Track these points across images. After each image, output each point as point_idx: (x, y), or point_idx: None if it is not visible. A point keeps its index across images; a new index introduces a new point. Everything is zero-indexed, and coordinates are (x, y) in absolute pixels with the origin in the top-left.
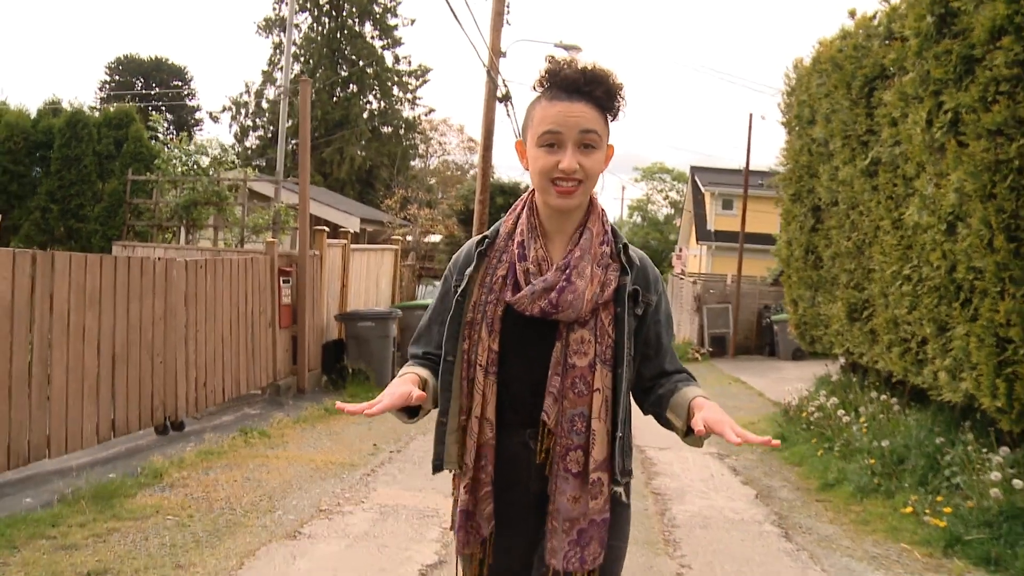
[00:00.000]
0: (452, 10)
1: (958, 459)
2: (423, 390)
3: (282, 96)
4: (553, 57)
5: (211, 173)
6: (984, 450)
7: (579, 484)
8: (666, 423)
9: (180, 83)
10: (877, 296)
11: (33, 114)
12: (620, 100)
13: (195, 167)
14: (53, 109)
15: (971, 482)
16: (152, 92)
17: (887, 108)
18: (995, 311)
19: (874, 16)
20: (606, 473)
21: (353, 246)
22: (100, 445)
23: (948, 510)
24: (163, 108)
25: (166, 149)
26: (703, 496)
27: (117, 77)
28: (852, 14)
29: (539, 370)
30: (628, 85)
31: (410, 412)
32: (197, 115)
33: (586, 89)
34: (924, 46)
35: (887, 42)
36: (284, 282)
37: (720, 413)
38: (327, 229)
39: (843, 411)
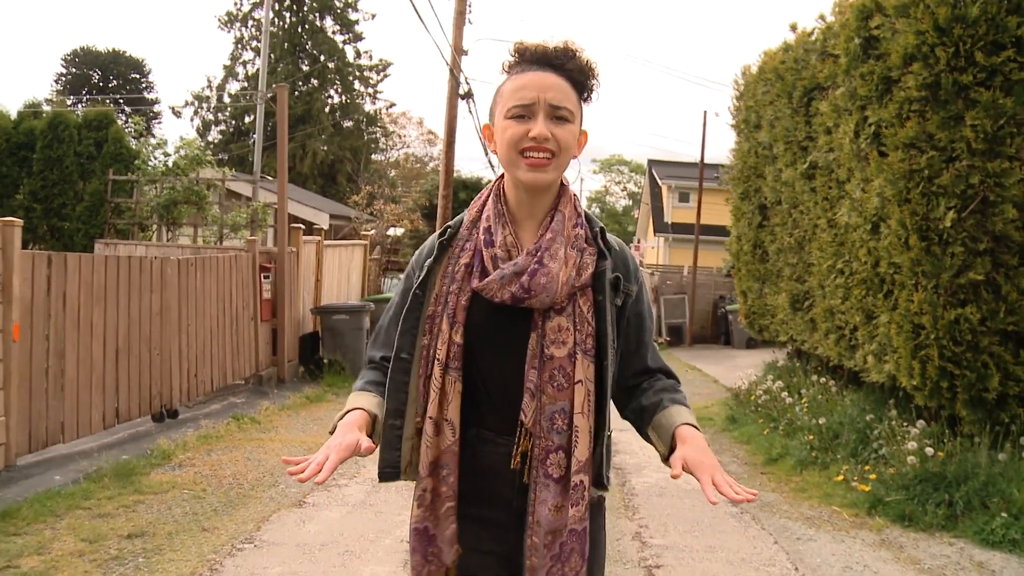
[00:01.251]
0: (416, 9)
1: (884, 433)
2: (373, 426)
3: (258, 101)
4: (522, 40)
5: (189, 173)
6: (905, 424)
7: (560, 490)
8: (646, 438)
9: (138, 76)
10: (815, 288)
11: (14, 116)
12: (593, 78)
13: (174, 167)
14: (34, 112)
15: (893, 452)
16: (109, 85)
17: (823, 118)
18: (910, 301)
19: (812, 33)
20: (588, 476)
21: (326, 242)
22: (106, 431)
23: (873, 477)
24: (120, 101)
25: (144, 150)
26: (659, 471)
27: (73, 69)
28: (793, 28)
29: (515, 366)
30: (602, 66)
31: (382, 476)
32: (156, 108)
33: (557, 62)
34: (852, 65)
35: (823, 58)
36: (265, 278)
37: (704, 453)
38: (303, 227)
39: (787, 394)
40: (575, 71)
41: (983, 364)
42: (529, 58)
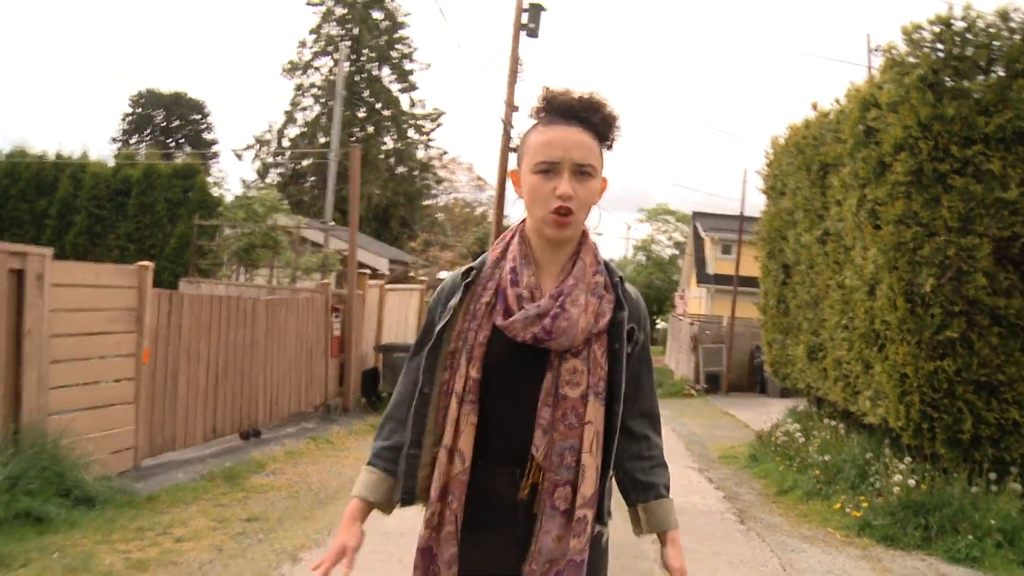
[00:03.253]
0: (471, 68)
1: (879, 469)
2: (368, 510)
3: (331, 159)
4: (548, 87)
5: (267, 220)
6: (896, 460)
7: (564, 522)
8: (628, 504)
9: (199, 116)
10: (827, 340)
11: (111, 163)
12: (616, 129)
13: (253, 215)
14: (130, 162)
15: (884, 484)
16: (172, 125)
17: (834, 191)
18: (897, 354)
19: (828, 113)
20: (592, 511)
21: (387, 286)
22: (204, 444)
23: (865, 505)
24: (182, 140)
25: (227, 198)
26: (680, 495)
27: (139, 109)
28: (815, 107)
29: (528, 403)
30: (624, 116)
31: (386, 506)
32: (214, 148)
33: (583, 115)
34: (855, 149)
35: (835, 138)
36: (335, 317)
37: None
38: (368, 272)
39: (801, 435)
40: (599, 124)
41: (958, 409)
42: (556, 109)
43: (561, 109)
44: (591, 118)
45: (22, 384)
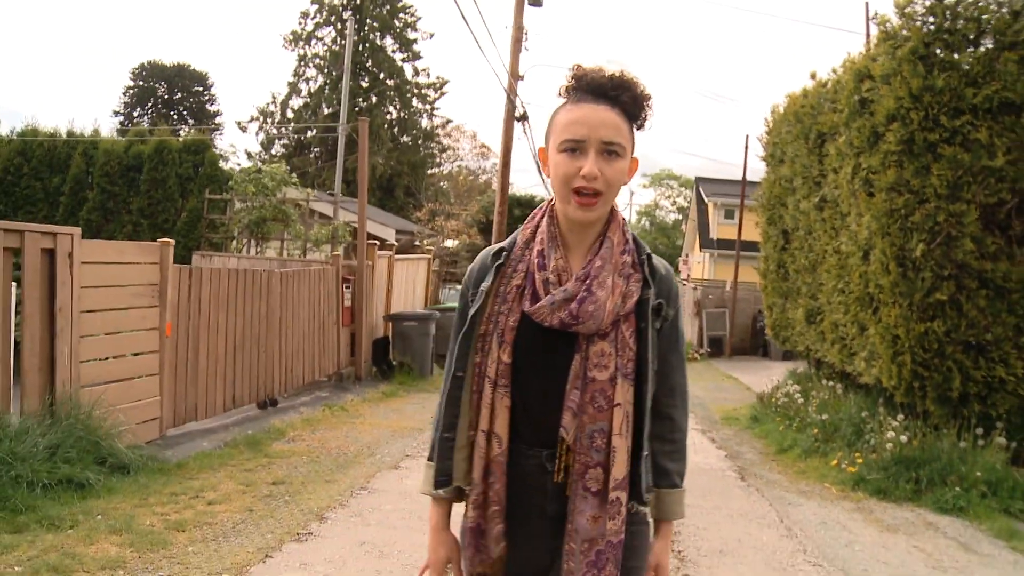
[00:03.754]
0: (475, 38)
1: (874, 426)
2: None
3: (340, 132)
4: (580, 65)
5: (277, 194)
6: (890, 418)
7: (598, 503)
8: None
9: (201, 88)
10: (824, 304)
11: (120, 139)
12: (647, 109)
13: (263, 189)
14: (140, 138)
15: (878, 441)
16: (175, 97)
17: (831, 159)
18: (889, 316)
19: (826, 83)
20: (625, 492)
21: (396, 256)
22: (224, 414)
23: (860, 461)
24: (185, 113)
25: (237, 172)
26: None
27: (141, 83)
28: (813, 76)
29: (557, 385)
30: (655, 96)
31: (437, 484)
32: (218, 119)
33: (612, 93)
34: (851, 119)
35: (832, 108)
36: (346, 288)
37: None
38: (377, 242)
39: (801, 396)
40: (629, 103)
41: (948, 368)
42: (585, 87)
43: (591, 87)
44: (621, 96)
45: (56, 358)
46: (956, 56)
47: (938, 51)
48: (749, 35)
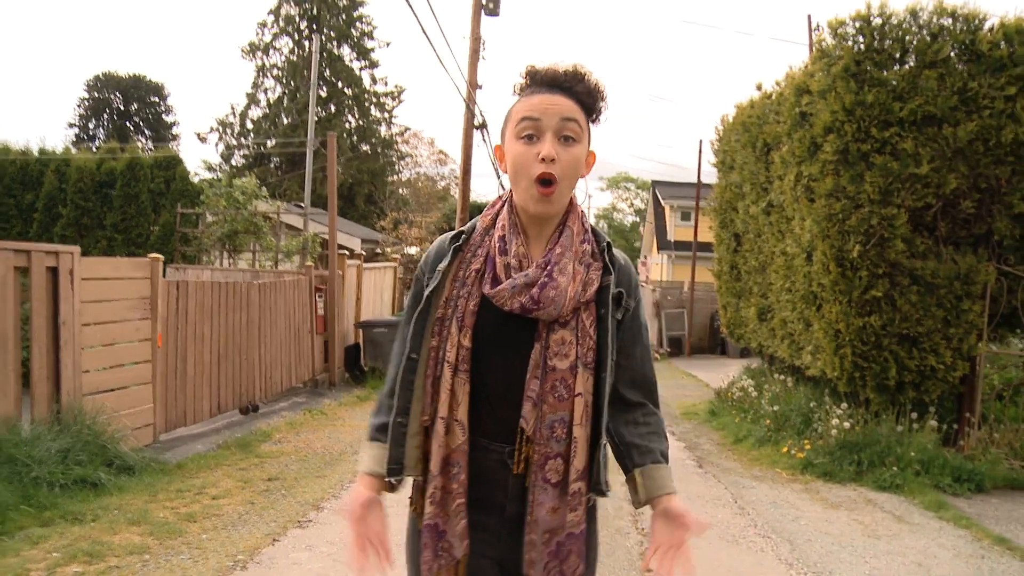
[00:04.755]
0: (434, 48)
1: (821, 415)
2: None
3: (308, 147)
4: (532, 63)
5: (248, 207)
6: (835, 407)
7: (558, 495)
8: (624, 469)
9: (157, 100)
10: (774, 302)
11: (95, 158)
12: (601, 101)
13: (235, 202)
14: (112, 155)
15: (824, 428)
16: (131, 108)
17: (776, 167)
18: (831, 313)
19: (770, 95)
20: (585, 483)
21: (364, 265)
22: (210, 420)
23: (808, 447)
24: (140, 123)
25: (208, 187)
26: None
27: (96, 94)
28: (759, 87)
29: (517, 374)
30: (610, 89)
31: (389, 487)
32: (174, 130)
33: (567, 84)
34: (792, 130)
35: (776, 119)
36: (319, 297)
37: (675, 529)
38: (347, 252)
39: (754, 390)
40: (584, 94)
41: (884, 359)
42: (539, 81)
43: (545, 80)
44: (575, 87)
45: (60, 368)
46: (884, 73)
47: (868, 69)
48: (699, 43)
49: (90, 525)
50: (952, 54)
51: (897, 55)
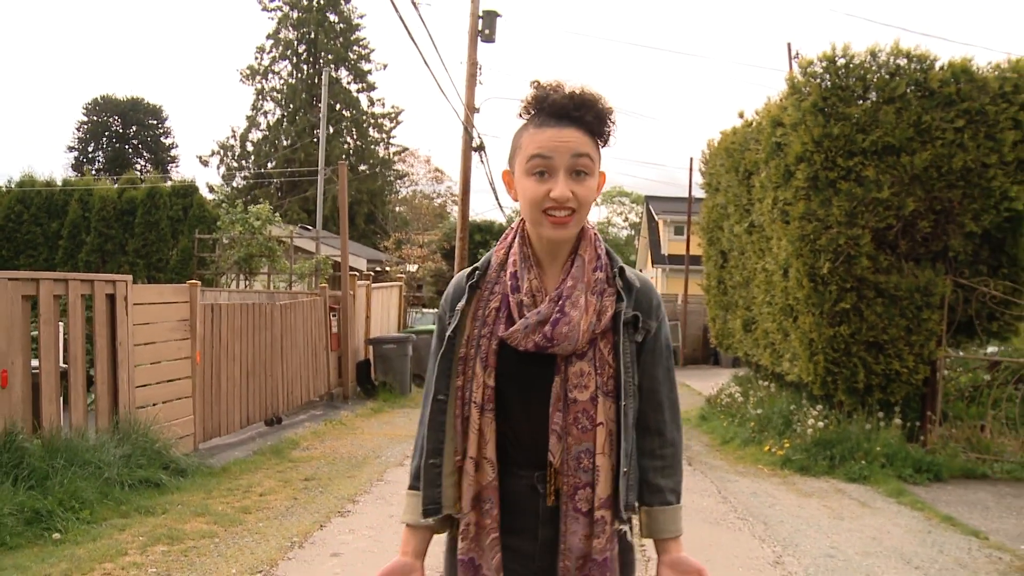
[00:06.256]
0: (432, 73)
1: (800, 416)
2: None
3: (320, 176)
4: (539, 82)
5: (264, 231)
6: (811, 408)
7: (588, 523)
8: (638, 498)
9: (156, 122)
10: (757, 315)
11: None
12: (610, 124)
13: (250, 228)
14: (132, 184)
15: (801, 428)
16: (129, 131)
17: (756, 190)
18: (805, 323)
19: (751, 123)
20: (609, 511)
21: (373, 285)
22: (240, 431)
23: (787, 445)
24: (139, 146)
25: (224, 213)
26: None
27: (94, 117)
28: (741, 115)
29: (540, 407)
30: (617, 109)
31: (431, 530)
32: (173, 152)
33: (575, 114)
34: (768, 158)
35: (756, 147)
36: (332, 316)
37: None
38: (357, 273)
39: (741, 396)
40: (593, 122)
41: (854, 364)
42: (547, 110)
43: (553, 110)
44: (584, 116)
45: (118, 384)
46: (848, 108)
47: (834, 104)
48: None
49: (161, 517)
50: (908, 91)
51: (859, 92)
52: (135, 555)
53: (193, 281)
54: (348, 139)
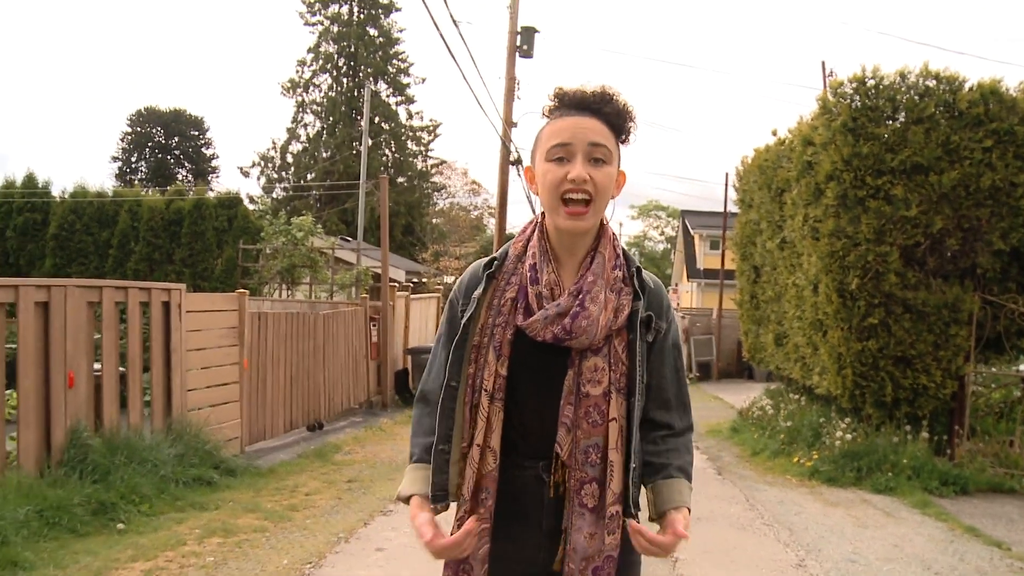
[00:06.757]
0: (472, 90)
1: (829, 429)
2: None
3: (361, 190)
4: (560, 86)
5: (306, 243)
6: (840, 421)
7: (595, 519)
8: (644, 487)
9: (197, 133)
10: (788, 329)
11: (163, 199)
12: (630, 121)
13: (292, 239)
14: (180, 196)
15: (830, 440)
16: (172, 142)
17: (788, 207)
18: (834, 338)
19: (783, 142)
20: (621, 506)
21: (411, 296)
22: (284, 435)
23: (816, 456)
24: (181, 156)
25: (267, 224)
26: None
27: (138, 128)
28: (774, 133)
29: (551, 399)
30: (638, 109)
31: (434, 499)
32: (213, 163)
33: (595, 106)
34: (799, 176)
35: (788, 163)
36: (372, 326)
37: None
38: (396, 284)
39: (772, 409)
40: (612, 115)
41: (881, 379)
42: (568, 103)
43: (573, 102)
44: (604, 108)
45: (172, 388)
46: (877, 128)
47: (864, 124)
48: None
49: (215, 512)
50: (936, 111)
51: (888, 112)
52: (193, 545)
53: (242, 290)
54: (387, 151)
